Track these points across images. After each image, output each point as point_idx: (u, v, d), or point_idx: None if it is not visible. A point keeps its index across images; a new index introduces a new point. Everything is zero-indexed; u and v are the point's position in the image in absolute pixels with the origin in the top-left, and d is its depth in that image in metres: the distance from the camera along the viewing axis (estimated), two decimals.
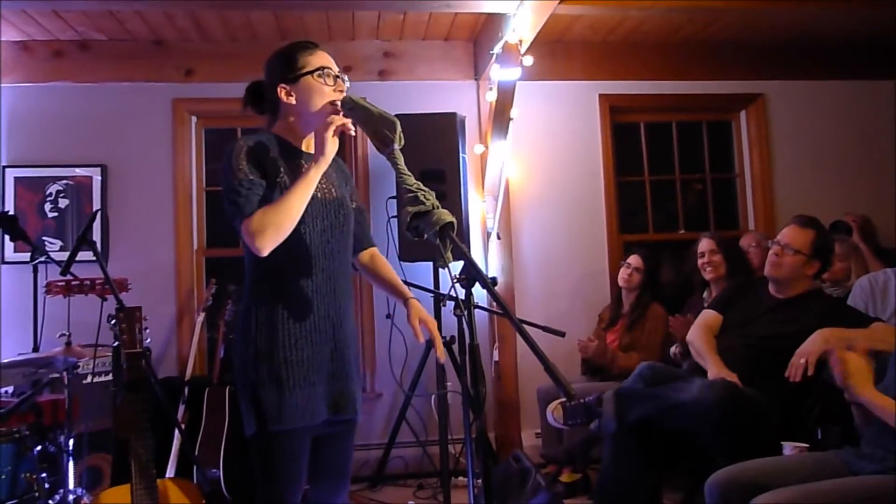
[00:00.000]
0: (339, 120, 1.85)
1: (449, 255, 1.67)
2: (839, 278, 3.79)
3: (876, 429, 2.10)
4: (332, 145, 1.85)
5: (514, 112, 4.11)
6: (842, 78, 4.92)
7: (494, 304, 3.67)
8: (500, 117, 4.05)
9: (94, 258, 2.81)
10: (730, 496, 2.03)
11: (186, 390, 3.81)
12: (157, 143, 4.38)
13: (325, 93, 1.94)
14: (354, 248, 2.18)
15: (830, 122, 4.92)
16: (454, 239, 1.65)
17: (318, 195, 1.95)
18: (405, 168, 1.78)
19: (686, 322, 3.46)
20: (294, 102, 1.94)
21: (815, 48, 4.82)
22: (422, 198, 1.70)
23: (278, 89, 1.94)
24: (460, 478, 3.92)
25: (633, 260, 4.11)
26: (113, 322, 2.42)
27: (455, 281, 1.67)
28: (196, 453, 3.54)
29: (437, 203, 1.71)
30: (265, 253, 1.77)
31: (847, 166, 4.88)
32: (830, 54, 4.85)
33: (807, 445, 2.37)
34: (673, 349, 3.67)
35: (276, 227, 1.78)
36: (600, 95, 4.70)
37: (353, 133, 1.89)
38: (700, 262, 3.78)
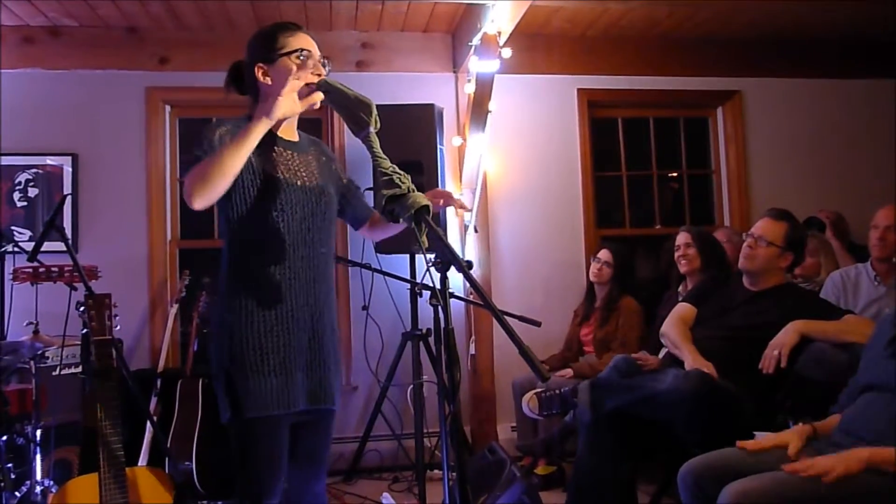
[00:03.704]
0: (304, 81, 1.80)
1: (424, 239, 1.65)
2: (810, 274, 3.84)
3: (846, 418, 2.12)
4: (284, 105, 1.79)
5: (493, 105, 4.10)
6: (819, 76, 4.97)
7: (471, 292, 3.67)
8: (479, 110, 4.05)
9: (64, 246, 2.76)
10: (703, 483, 2.03)
11: (159, 382, 3.76)
12: (129, 132, 4.31)
13: (302, 75, 1.91)
14: (360, 218, 2.21)
15: (806, 119, 4.97)
16: (429, 222, 1.63)
17: (298, 182, 1.93)
18: (381, 151, 1.76)
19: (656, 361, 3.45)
20: (270, 83, 1.90)
21: (792, 46, 4.87)
22: (397, 181, 1.68)
23: (256, 69, 1.92)
24: (435, 471, 3.91)
25: (603, 254, 4.12)
26: (82, 309, 2.38)
27: (430, 265, 1.65)
28: (168, 446, 3.49)
29: (412, 186, 1.69)
30: (195, 206, 1.74)
31: (822, 164, 4.94)
32: (807, 52, 4.90)
33: None
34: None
35: (203, 178, 1.72)
36: (578, 90, 4.71)
37: (316, 107, 1.87)
38: (676, 255, 3.81)
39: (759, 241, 2.88)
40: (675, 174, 5.13)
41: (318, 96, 1.85)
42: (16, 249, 3.18)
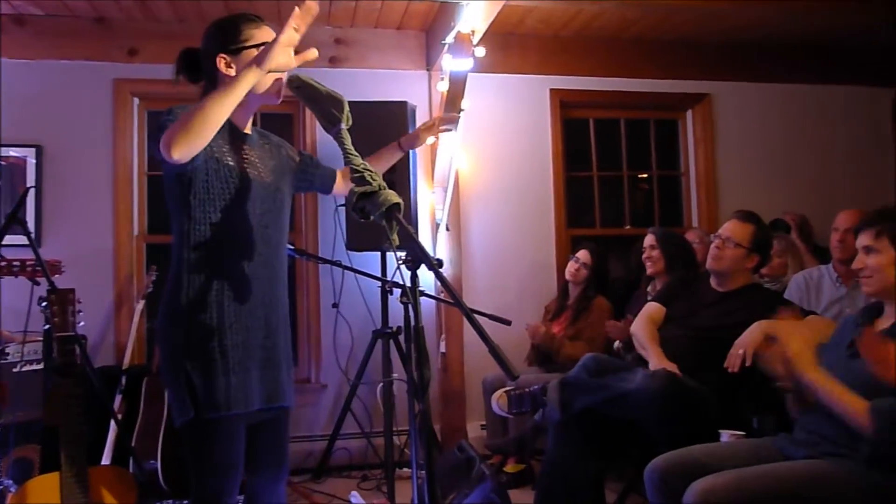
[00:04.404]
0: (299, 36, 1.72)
1: (395, 236, 1.64)
2: (777, 273, 3.91)
3: (808, 416, 2.16)
4: (280, 57, 1.69)
5: (466, 104, 4.10)
6: (787, 81, 5.06)
7: (442, 291, 3.67)
8: (452, 108, 4.04)
9: (26, 240, 2.71)
10: (669, 481, 2.06)
11: (124, 379, 3.70)
12: (96, 124, 4.23)
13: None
14: (328, 181, 2.23)
15: (774, 123, 5.06)
16: (400, 220, 1.62)
17: (259, 178, 1.92)
18: (352, 148, 1.75)
19: (626, 324, 3.51)
20: (234, 75, 1.85)
21: (762, 51, 4.95)
22: (368, 178, 1.67)
23: (218, 59, 1.87)
24: (405, 469, 3.90)
25: (582, 255, 4.15)
26: (44, 304, 2.34)
27: (400, 263, 1.64)
28: (133, 444, 3.44)
29: (383, 184, 1.68)
30: (173, 156, 1.61)
31: (788, 167, 5.03)
32: (777, 57, 4.98)
33: (743, 433, 2.42)
34: (616, 344, 3.73)
35: (186, 128, 1.61)
36: (551, 90, 4.73)
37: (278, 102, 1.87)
38: (643, 256, 3.85)
39: (726, 243, 2.92)
40: (645, 175, 5.18)
41: (313, 53, 1.76)
42: None
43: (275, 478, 2.03)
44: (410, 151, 3.90)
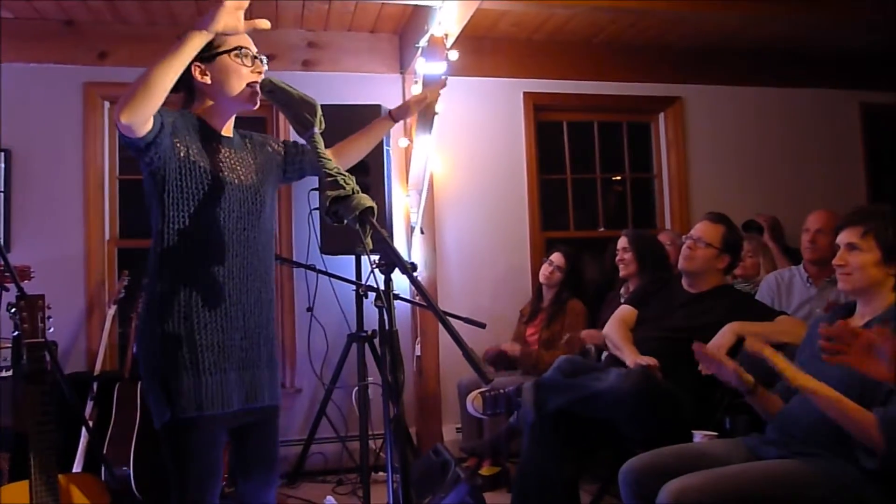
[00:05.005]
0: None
1: (369, 240, 1.64)
2: (750, 274, 3.96)
3: (779, 417, 2.19)
4: (226, 18, 1.71)
5: (440, 107, 4.10)
6: (758, 84, 5.13)
7: (416, 294, 3.67)
8: (426, 111, 4.04)
9: None
10: (643, 482, 2.08)
11: (95, 386, 3.65)
12: (66, 128, 4.18)
13: (243, 74, 1.89)
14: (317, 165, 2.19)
15: (745, 126, 5.13)
16: (374, 224, 1.62)
17: (236, 181, 1.91)
18: (325, 152, 1.75)
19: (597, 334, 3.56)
20: (209, 82, 1.87)
21: (733, 54, 5.02)
22: (341, 182, 1.67)
23: (192, 68, 1.86)
24: (380, 473, 3.90)
25: (556, 258, 4.17)
26: (13, 310, 2.30)
27: (374, 266, 1.64)
28: (105, 451, 3.40)
29: (357, 188, 1.68)
30: (122, 120, 1.65)
31: (760, 169, 5.10)
32: (748, 60, 5.06)
33: (716, 433, 2.45)
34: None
35: (133, 94, 1.63)
36: (525, 93, 4.76)
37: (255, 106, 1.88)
38: (616, 258, 3.88)
39: (697, 243, 2.96)
40: (618, 178, 5.22)
41: (265, 23, 1.78)
42: None
43: (265, 482, 2.02)
44: (385, 155, 3.93)
